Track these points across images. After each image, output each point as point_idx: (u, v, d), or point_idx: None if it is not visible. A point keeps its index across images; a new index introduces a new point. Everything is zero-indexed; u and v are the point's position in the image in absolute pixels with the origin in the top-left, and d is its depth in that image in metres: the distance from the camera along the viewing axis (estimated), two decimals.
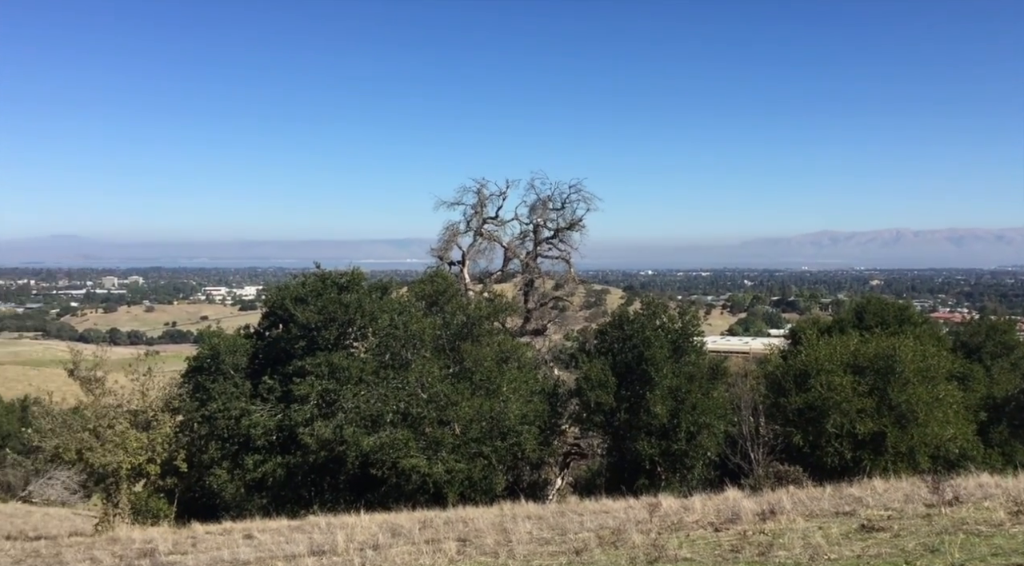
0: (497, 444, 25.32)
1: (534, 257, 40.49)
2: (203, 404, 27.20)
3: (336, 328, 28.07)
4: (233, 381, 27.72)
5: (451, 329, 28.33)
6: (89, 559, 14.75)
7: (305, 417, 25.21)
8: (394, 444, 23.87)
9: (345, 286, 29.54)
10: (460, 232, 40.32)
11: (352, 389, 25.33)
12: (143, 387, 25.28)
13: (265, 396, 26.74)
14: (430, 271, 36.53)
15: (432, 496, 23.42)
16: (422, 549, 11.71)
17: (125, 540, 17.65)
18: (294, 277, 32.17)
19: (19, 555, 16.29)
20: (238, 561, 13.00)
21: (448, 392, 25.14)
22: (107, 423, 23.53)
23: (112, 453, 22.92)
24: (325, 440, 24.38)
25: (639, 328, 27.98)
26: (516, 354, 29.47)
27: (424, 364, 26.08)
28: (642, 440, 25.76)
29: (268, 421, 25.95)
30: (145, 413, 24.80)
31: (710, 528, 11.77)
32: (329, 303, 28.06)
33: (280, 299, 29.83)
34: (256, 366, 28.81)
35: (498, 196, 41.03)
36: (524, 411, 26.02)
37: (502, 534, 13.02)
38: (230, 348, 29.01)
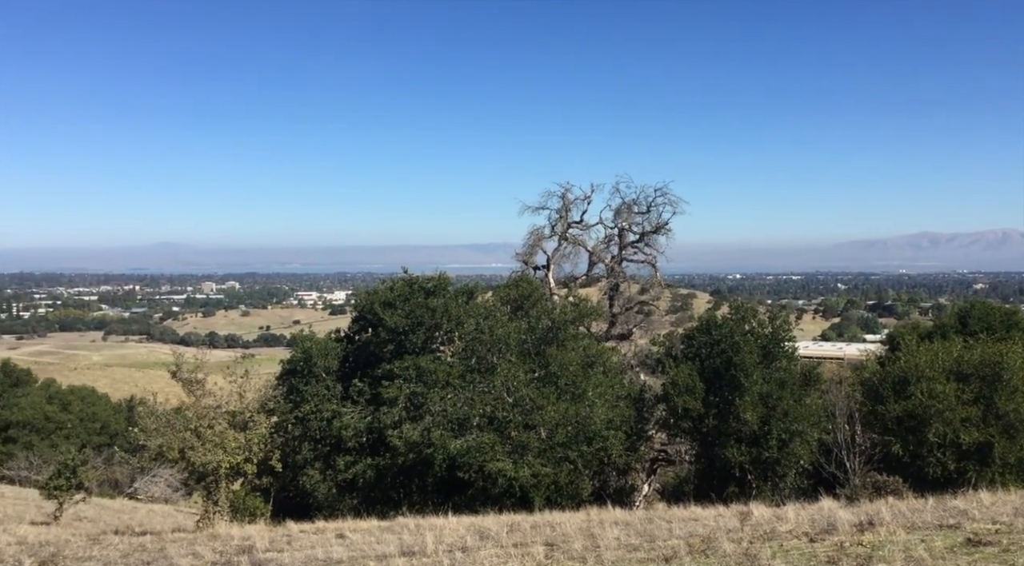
0: (583, 449, 25.22)
1: (619, 261, 40.23)
2: (296, 406, 27.99)
3: (423, 332, 28.48)
4: (325, 384, 28.45)
5: (536, 333, 28.39)
6: (191, 554, 15.31)
7: (394, 420, 25.66)
8: (480, 447, 24.04)
9: (432, 291, 29.95)
10: (545, 237, 40.41)
11: (439, 392, 25.64)
12: (240, 389, 26.14)
13: (355, 398, 27.35)
14: (515, 276, 36.72)
15: (518, 500, 23.48)
16: (510, 553, 11.76)
17: (224, 537, 18.27)
18: (382, 282, 32.80)
19: (127, 549, 17.04)
20: (331, 560, 13.29)
21: (534, 396, 25.19)
22: (207, 423, 24.41)
23: (212, 452, 23.74)
24: (413, 442, 24.75)
25: (727, 333, 27.44)
26: (601, 358, 29.32)
27: (510, 368, 26.19)
28: (731, 447, 25.23)
29: (358, 423, 26.52)
30: (242, 414, 25.63)
31: (805, 538, 11.44)
32: (416, 307, 28.50)
33: (369, 303, 30.46)
34: (346, 369, 29.49)
35: (582, 200, 41.01)
36: (610, 416, 25.84)
37: (589, 539, 12.96)
38: (322, 351, 29.78)
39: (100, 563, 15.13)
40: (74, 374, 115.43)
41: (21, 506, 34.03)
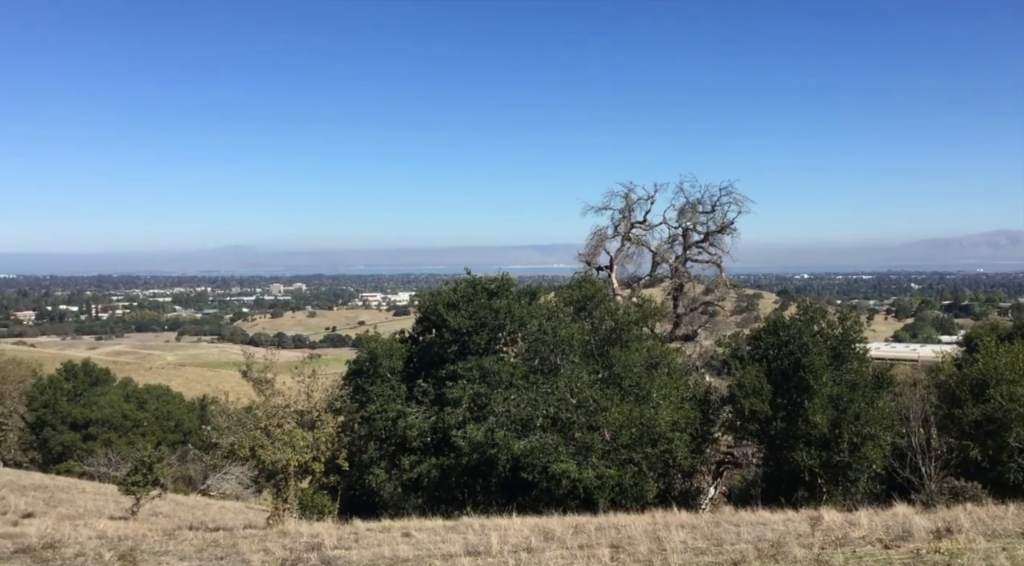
0: (648, 451, 25.00)
1: (683, 261, 39.79)
2: (362, 406, 28.37)
3: (487, 333, 28.58)
4: (390, 384, 28.78)
5: (599, 334, 28.25)
6: (262, 550, 15.65)
7: (458, 420, 25.81)
8: (544, 448, 24.03)
9: (495, 292, 30.03)
10: (608, 237, 40.21)
11: (503, 393, 25.71)
12: (308, 389, 26.64)
13: (420, 399, 27.60)
14: (578, 276, 36.59)
15: (582, 501, 23.40)
16: (575, 554, 11.73)
17: (294, 534, 18.62)
18: (446, 283, 33.00)
19: (201, 545, 17.50)
20: (398, 558, 13.44)
21: (597, 397, 25.07)
22: (276, 422, 24.94)
23: (281, 451, 24.24)
24: (477, 443, 24.86)
25: (796, 334, 26.89)
26: (666, 360, 29.03)
27: (573, 369, 26.13)
28: (801, 450, 24.72)
29: (423, 423, 26.76)
30: (310, 413, 26.12)
31: (879, 545, 11.14)
32: (480, 308, 28.62)
33: (433, 305, 30.70)
34: (411, 369, 29.78)
35: (646, 200, 40.68)
36: (675, 417, 25.57)
37: (655, 542, 12.84)
38: (387, 352, 30.13)
39: (176, 557, 15.56)
40: (149, 373, 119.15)
41: (100, 501, 35.28)
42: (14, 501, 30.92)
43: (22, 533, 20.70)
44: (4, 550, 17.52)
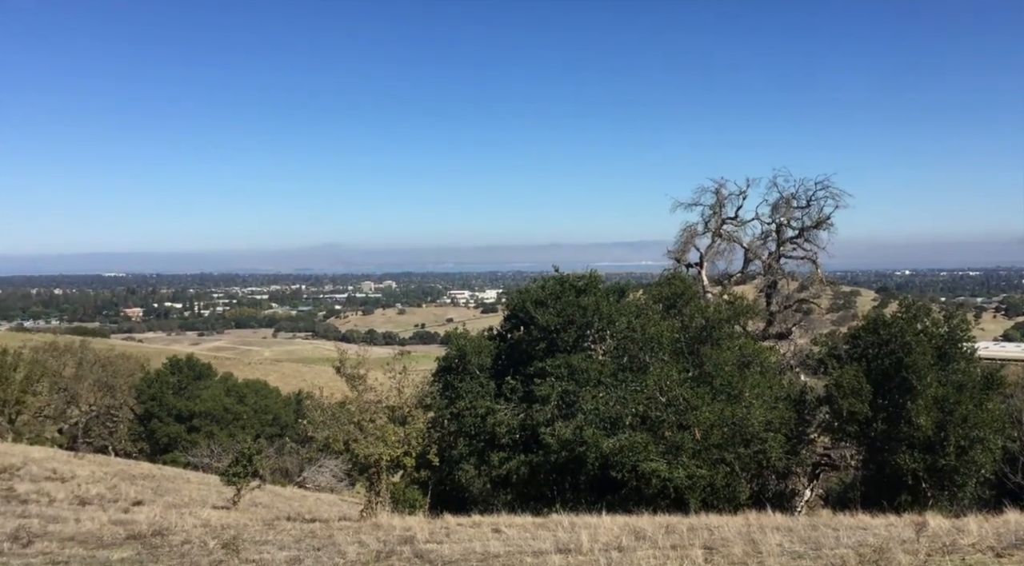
0: (740, 451, 24.50)
1: (777, 258, 38.82)
2: (452, 402, 28.72)
3: (575, 330, 28.52)
4: (479, 380, 29.04)
5: (690, 332, 27.83)
6: (357, 542, 16.01)
7: (546, 417, 25.84)
8: (633, 447, 23.82)
9: (583, 289, 29.94)
10: (698, 233, 39.60)
11: (591, 391, 25.61)
12: (399, 385, 27.10)
13: (508, 396, 27.75)
14: (667, 273, 36.13)
15: (673, 501, 23.08)
16: (668, 554, 11.58)
17: (387, 527, 18.99)
18: (533, 280, 33.05)
19: (299, 535, 18.04)
20: (489, 554, 13.54)
21: (688, 396, 24.70)
22: (369, 417, 25.46)
23: (374, 445, 24.73)
24: (565, 440, 24.84)
25: (898, 332, 25.89)
26: (759, 358, 28.37)
27: (663, 367, 25.81)
28: (903, 453, 23.79)
29: (512, 420, 26.90)
30: (401, 409, 26.57)
31: (990, 553, 10.62)
32: (568, 306, 28.57)
33: (521, 302, 30.81)
34: (499, 366, 29.97)
35: (737, 196, 39.89)
36: (768, 417, 24.97)
37: (750, 545, 12.56)
38: (475, 349, 30.42)
39: (275, 547, 16.08)
40: (248, 369, 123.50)
41: (204, 491, 36.76)
42: (125, 489, 32.52)
43: (132, 520, 21.76)
44: (117, 536, 18.44)
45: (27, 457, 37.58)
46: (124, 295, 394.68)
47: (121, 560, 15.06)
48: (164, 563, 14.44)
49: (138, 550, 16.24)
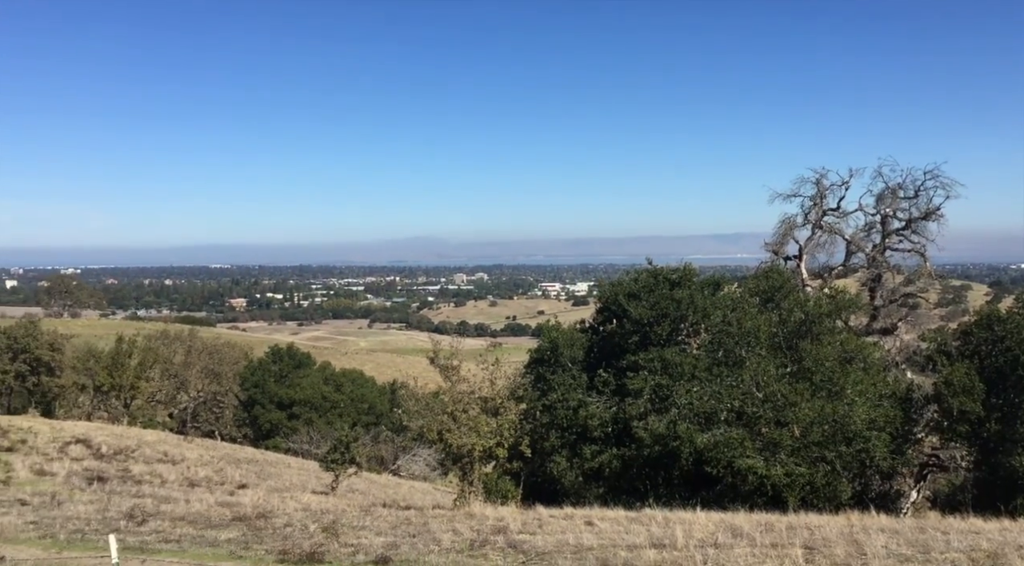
0: (841, 449, 23.70)
1: (882, 250, 37.33)
2: (544, 394, 28.76)
3: (668, 324, 28.13)
4: (571, 373, 28.99)
5: (788, 326, 27.06)
6: (451, 531, 16.25)
7: (639, 411, 25.59)
8: (729, 443, 23.34)
9: (677, 282, 29.49)
10: (797, 225, 38.41)
11: (685, 385, 25.22)
12: (491, 376, 27.31)
13: (600, 389, 27.60)
14: (764, 266, 35.27)
15: (770, 499, 22.52)
16: (767, 553, 11.31)
17: (480, 516, 19.20)
18: (626, 273, 32.74)
19: (394, 522, 18.44)
20: (582, 546, 13.53)
21: (786, 392, 24.04)
22: (462, 408, 25.76)
23: (467, 436, 25.01)
24: (659, 435, 24.55)
25: (1014, 328, 24.55)
26: (861, 354, 27.37)
27: (759, 362, 25.19)
28: (1020, 455, 22.57)
29: (604, 413, 26.75)
30: (493, 400, 26.78)
31: None
32: (661, 299, 28.20)
33: (613, 295, 30.60)
34: (591, 359, 29.85)
35: (839, 186, 38.50)
36: (872, 416, 24.07)
37: (853, 546, 12.15)
38: (567, 342, 30.37)
39: (372, 532, 16.47)
40: (345, 358, 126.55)
41: (304, 476, 37.98)
42: (230, 473, 33.92)
43: (238, 502, 22.67)
44: (224, 517, 19.25)
45: (141, 440, 39.60)
46: (229, 286, 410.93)
47: (228, 540, 15.71)
48: (268, 544, 14.98)
49: (243, 531, 16.91)
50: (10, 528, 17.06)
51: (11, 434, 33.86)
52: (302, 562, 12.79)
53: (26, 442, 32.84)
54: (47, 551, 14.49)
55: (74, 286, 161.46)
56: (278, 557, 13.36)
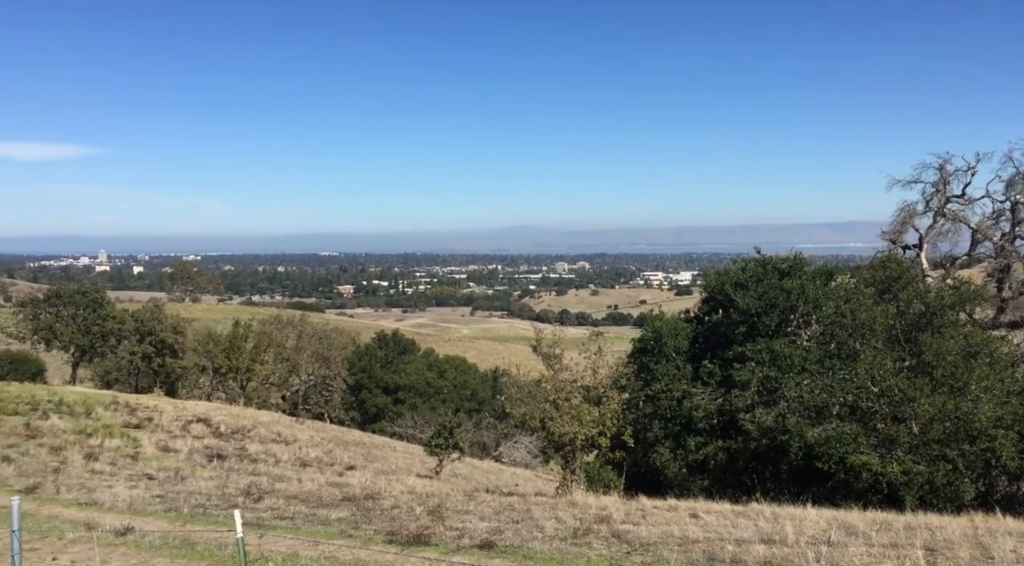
0: (964, 448, 22.49)
1: (1011, 239, 35.18)
2: (647, 384, 28.45)
3: (777, 314, 27.34)
4: (675, 363, 28.56)
5: (906, 318, 25.86)
6: (554, 518, 16.28)
7: (746, 403, 25.00)
8: (841, 438, 22.51)
9: (787, 271, 28.62)
10: (917, 213, 36.67)
11: (795, 378, 24.45)
12: (594, 365, 27.20)
13: (705, 380, 27.10)
14: (881, 255, 33.81)
15: (885, 497, 21.61)
16: (884, 553, 10.86)
17: (582, 505, 19.18)
18: (732, 262, 32.02)
19: (497, 507, 18.62)
20: (688, 539, 13.31)
21: (904, 387, 22.98)
22: (564, 396, 25.75)
23: (569, 424, 25.01)
24: (766, 428, 23.91)
25: None
26: (987, 348, 25.87)
27: (875, 355, 24.17)
28: None
29: (709, 405, 26.26)
30: (596, 389, 26.67)
31: None
32: (770, 289, 27.43)
33: (719, 284, 29.96)
34: (696, 350, 29.33)
35: (965, 172, 36.51)
36: (999, 413, 22.72)
37: (979, 549, 11.53)
38: (671, 331, 29.93)
39: (476, 517, 16.68)
40: (447, 345, 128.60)
41: (408, 459, 38.84)
42: (339, 454, 35.02)
43: (346, 483, 23.40)
44: (334, 497, 19.88)
45: (256, 420, 41.34)
46: (337, 273, 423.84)
47: (339, 519, 16.22)
48: (376, 525, 15.38)
49: (353, 511, 17.42)
50: (139, 501, 18.10)
51: (139, 412, 35.93)
52: (409, 544, 13.06)
53: (152, 420, 34.78)
54: (172, 524, 15.30)
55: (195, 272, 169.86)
56: (386, 538, 13.68)
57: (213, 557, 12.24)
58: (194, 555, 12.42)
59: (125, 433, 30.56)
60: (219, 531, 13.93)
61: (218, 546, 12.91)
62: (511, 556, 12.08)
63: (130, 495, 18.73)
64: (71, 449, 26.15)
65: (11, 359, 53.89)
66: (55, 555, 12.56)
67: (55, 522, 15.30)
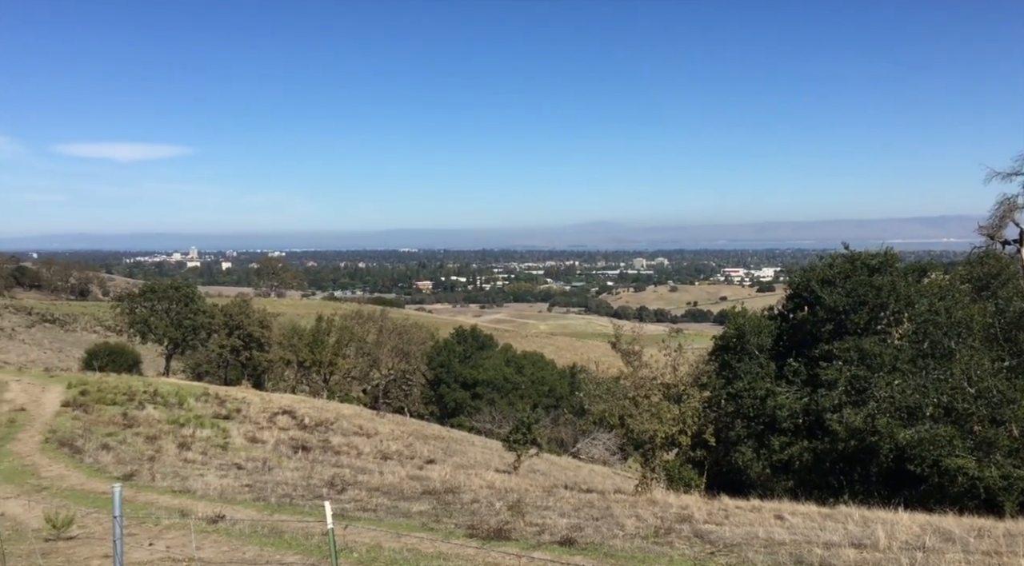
0: None
1: None
2: (729, 382, 27.93)
3: (866, 312, 26.47)
4: (758, 361, 27.96)
5: (1007, 317, 24.69)
6: (634, 516, 16.13)
7: (833, 403, 24.29)
8: (935, 440, 21.65)
9: (876, 268, 27.70)
10: (1018, 207, 34.98)
11: (885, 377, 23.62)
12: (674, 362, 26.85)
13: (790, 378, 26.45)
14: (978, 251, 32.43)
15: (983, 503, 20.71)
16: (984, 561, 10.38)
17: (662, 503, 18.95)
18: (819, 258, 31.17)
19: (577, 504, 18.55)
20: (773, 541, 13.00)
21: (1003, 388, 21.95)
22: (644, 393, 25.50)
23: (649, 422, 24.76)
24: (855, 429, 23.18)
25: None
26: None
27: (972, 355, 23.14)
28: None
29: (794, 404, 25.62)
30: (676, 387, 26.32)
31: None
32: (859, 286, 26.58)
33: (805, 281, 29.20)
34: (780, 348, 28.65)
35: None
36: None
37: None
38: (755, 329, 29.30)
39: (556, 513, 16.66)
40: (525, 341, 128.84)
41: (487, 454, 39.09)
42: (419, 448, 35.50)
43: (426, 476, 23.67)
44: (414, 490, 20.14)
45: (339, 413, 42.23)
46: (416, 269, 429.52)
47: (420, 512, 16.41)
48: (456, 519, 15.50)
49: (433, 505, 17.61)
50: (229, 490, 18.69)
51: (228, 403, 37.13)
52: (490, 538, 13.11)
53: (240, 411, 35.89)
54: (260, 513, 15.73)
55: (280, 268, 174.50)
56: (467, 532, 13.77)
57: (300, 546, 12.53)
58: (282, 544, 12.73)
59: (215, 424, 31.61)
60: (305, 521, 14.26)
61: (304, 536, 13.21)
62: (592, 553, 12.01)
63: (220, 484, 19.35)
64: (165, 438, 27.19)
65: (109, 351, 56.38)
66: (151, 540, 13.06)
67: (151, 509, 15.91)
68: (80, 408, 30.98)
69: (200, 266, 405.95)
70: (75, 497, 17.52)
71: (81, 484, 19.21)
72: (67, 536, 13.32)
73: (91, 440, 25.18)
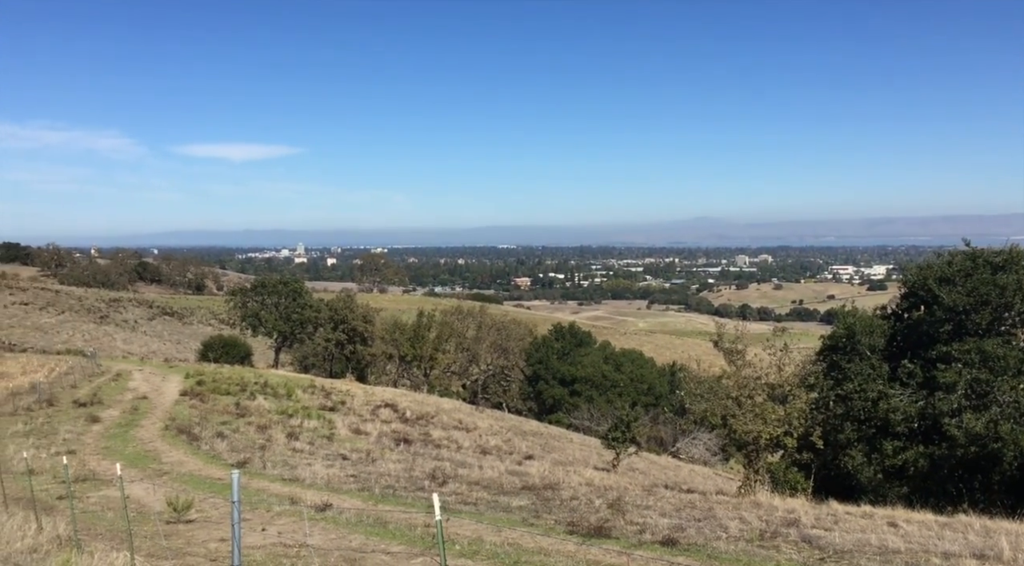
0: None
1: None
2: (838, 383, 26.95)
3: (989, 312, 25.06)
4: (869, 362, 26.87)
5: None
6: (738, 518, 15.75)
7: (951, 407, 23.12)
8: None
9: (1000, 266, 26.15)
10: None
11: (1009, 381, 22.35)
12: (779, 362, 26.06)
13: (904, 380, 25.31)
14: None
15: None
16: None
17: (767, 506, 18.44)
18: (936, 255, 29.70)
19: (678, 504, 18.27)
20: (887, 549, 12.46)
21: None
22: (747, 393, 24.86)
23: (752, 422, 24.12)
24: (975, 434, 22.00)
25: None
26: None
27: None
28: None
29: (908, 407, 24.51)
30: (781, 387, 25.55)
31: None
32: (981, 284, 25.18)
33: (921, 279, 27.87)
34: (894, 349, 27.46)
35: None
36: None
37: None
38: (866, 328, 28.17)
39: (656, 513, 16.44)
40: (623, 338, 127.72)
41: (585, 451, 38.95)
42: (517, 443, 35.67)
43: (525, 472, 23.77)
44: (513, 485, 20.25)
45: (439, 407, 42.90)
46: (514, 265, 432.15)
47: (519, 507, 16.49)
48: (556, 515, 15.50)
49: (532, 500, 17.66)
50: (335, 479, 19.25)
51: (333, 396, 38.26)
52: (590, 535, 13.05)
53: (344, 404, 36.93)
54: (365, 503, 16.13)
55: (382, 264, 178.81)
56: (567, 528, 13.75)
57: (404, 537, 12.77)
58: (386, 534, 13.02)
59: (321, 415, 32.62)
60: (408, 512, 14.53)
61: (408, 527, 13.47)
62: (695, 555, 11.79)
63: (327, 473, 19.95)
64: (275, 428, 28.23)
65: (223, 343, 58.96)
66: (264, 526, 13.58)
67: (263, 495, 16.54)
68: (197, 397, 32.52)
69: (307, 262, 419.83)
70: (193, 482, 18.39)
71: (198, 470, 20.16)
72: (186, 519, 13.99)
73: (207, 428, 26.39)
